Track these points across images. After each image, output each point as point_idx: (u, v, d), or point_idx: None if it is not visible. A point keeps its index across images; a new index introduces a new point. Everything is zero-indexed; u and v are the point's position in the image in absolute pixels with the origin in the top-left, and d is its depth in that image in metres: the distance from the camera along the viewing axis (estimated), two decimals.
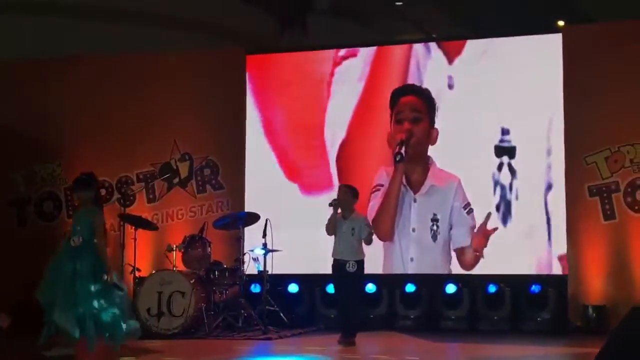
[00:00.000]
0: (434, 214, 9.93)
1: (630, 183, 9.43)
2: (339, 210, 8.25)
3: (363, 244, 8.33)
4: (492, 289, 9.68)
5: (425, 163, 10.04)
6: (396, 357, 7.58)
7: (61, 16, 15.25)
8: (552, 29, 10.23)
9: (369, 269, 9.87)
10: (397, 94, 10.28)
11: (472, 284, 9.82)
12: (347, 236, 8.19)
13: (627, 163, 9.46)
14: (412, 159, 9.96)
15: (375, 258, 9.86)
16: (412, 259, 9.99)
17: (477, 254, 9.75)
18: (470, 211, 9.82)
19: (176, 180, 10.69)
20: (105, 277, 6.48)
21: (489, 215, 9.72)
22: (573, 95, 9.65)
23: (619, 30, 9.78)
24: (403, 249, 10.02)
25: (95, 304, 6.43)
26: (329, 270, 8.45)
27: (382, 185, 10.12)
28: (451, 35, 10.93)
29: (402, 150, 9.84)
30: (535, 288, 9.56)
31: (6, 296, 10.04)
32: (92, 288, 6.44)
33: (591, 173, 9.55)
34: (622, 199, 9.45)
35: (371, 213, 9.93)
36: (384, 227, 9.99)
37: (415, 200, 10.02)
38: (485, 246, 9.70)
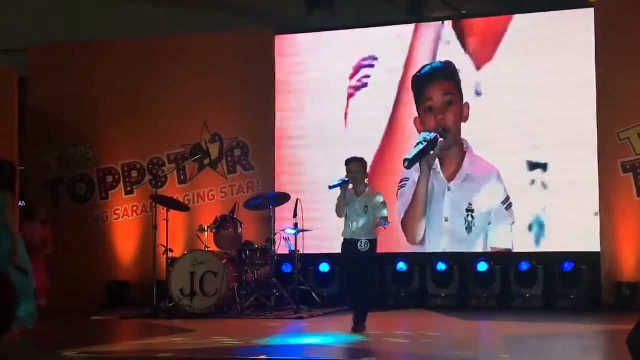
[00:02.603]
0: (469, 204, 9.79)
1: None
2: (350, 187, 7.43)
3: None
4: (524, 266, 9.62)
5: (461, 147, 9.91)
6: (423, 333, 7.55)
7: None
8: (584, 4, 10.09)
9: (399, 247, 9.91)
10: (422, 79, 10.11)
11: (504, 262, 9.77)
12: (360, 214, 7.36)
13: None
14: (447, 145, 9.83)
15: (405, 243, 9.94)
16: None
17: None
18: (510, 206, 9.70)
19: (207, 161, 10.74)
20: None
21: None
22: (605, 70, 9.53)
23: None
24: (433, 240, 9.94)
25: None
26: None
27: (408, 179, 10.01)
28: (482, 11, 10.79)
29: (411, 156, 9.49)
30: (568, 265, 9.49)
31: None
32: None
33: (624, 149, 9.45)
34: None
35: (400, 213, 9.91)
36: (413, 231, 9.93)
37: (449, 189, 9.87)
38: None
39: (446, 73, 10.07)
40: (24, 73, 11.13)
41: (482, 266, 9.73)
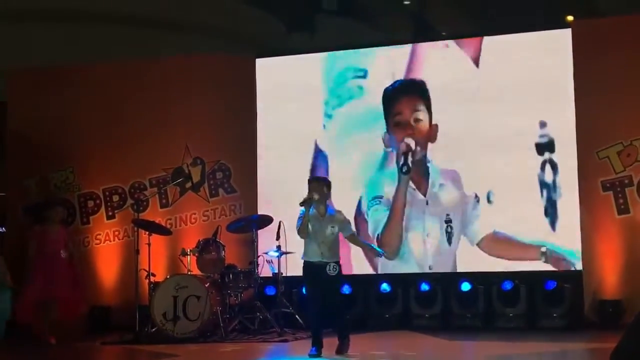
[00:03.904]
0: (447, 215, 9.85)
1: None
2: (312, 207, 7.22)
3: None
4: (507, 286, 9.64)
5: (426, 164, 9.98)
6: (408, 354, 7.54)
7: (74, 23, 15.39)
8: (561, 25, 10.20)
9: (383, 268, 9.93)
10: (392, 93, 10.18)
11: (487, 282, 9.79)
12: (326, 235, 7.17)
13: None
14: (416, 162, 9.96)
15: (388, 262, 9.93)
16: (430, 267, 9.96)
17: None
18: (478, 199, 9.78)
19: (189, 184, 10.70)
20: None
21: None
22: (584, 90, 9.62)
23: (628, 24, 9.75)
24: (419, 257, 9.95)
25: None
26: (344, 271, 7.71)
27: (381, 197, 10.05)
28: (460, 33, 10.90)
29: (409, 161, 9.70)
30: (550, 284, 9.52)
31: None
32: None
33: (604, 168, 9.52)
34: (636, 193, 9.40)
35: (376, 228, 9.96)
36: (393, 244, 9.94)
37: (427, 203, 9.92)
38: None
39: (417, 90, 10.13)
40: (3, 98, 11.09)
41: (465, 286, 9.74)
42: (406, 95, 10.17)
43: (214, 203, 10.62)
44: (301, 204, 7.24)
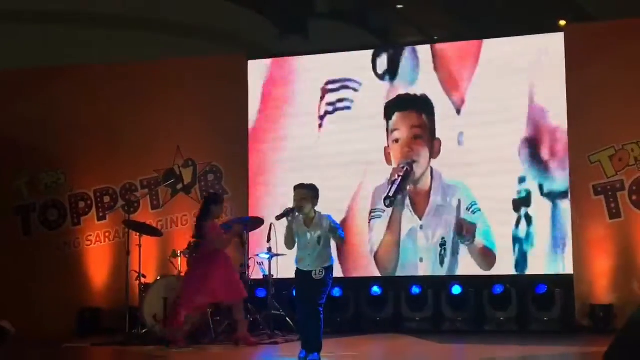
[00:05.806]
0: (442, 238, 9.72)
1: (636, 181, 9.40)
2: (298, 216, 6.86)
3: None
4: (498, 289, 9.64)
5: (429, 179, 9.87)
6: (400, 358, 7.54)
7: (63, 24, 15.34)
8: (554, 28, 10.21)
9: (373, 271, 9.88)
10: (392, 108, 10.04)
11: (477, 285, 9.79)
12: (313, 246, 6.81)
13: (631, 161, 9.43)
14: (415, 179, 9.80)
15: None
16: None
17: None
18: (476, 210, 9.65)
19: (180, 186, 10.68)
20: None
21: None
22: (576, 94, 9.63)
23: (621, 29, 9.77)
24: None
25: None
26: (336, 274, 7.53)
27: (383, 211, 9.90)
28: (452, 36, 10.91)
29: (391, 194, 9.40)
30: (541, 288, 9.52)
31: (11, 303, 10.07)
32: None
33: (596, 172, 9.52)
34: (628, 198, 9.41)
35: (373, 245, 9.93)
36: (388, 263, 9.89)
37: (421, 227, 9.81)
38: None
39: (418, 105, 10.00)
40: None
41: (456, 289, 9.72)
42: (404, 110, 10.03)
43: None
44: (277, 218, 7.00)
